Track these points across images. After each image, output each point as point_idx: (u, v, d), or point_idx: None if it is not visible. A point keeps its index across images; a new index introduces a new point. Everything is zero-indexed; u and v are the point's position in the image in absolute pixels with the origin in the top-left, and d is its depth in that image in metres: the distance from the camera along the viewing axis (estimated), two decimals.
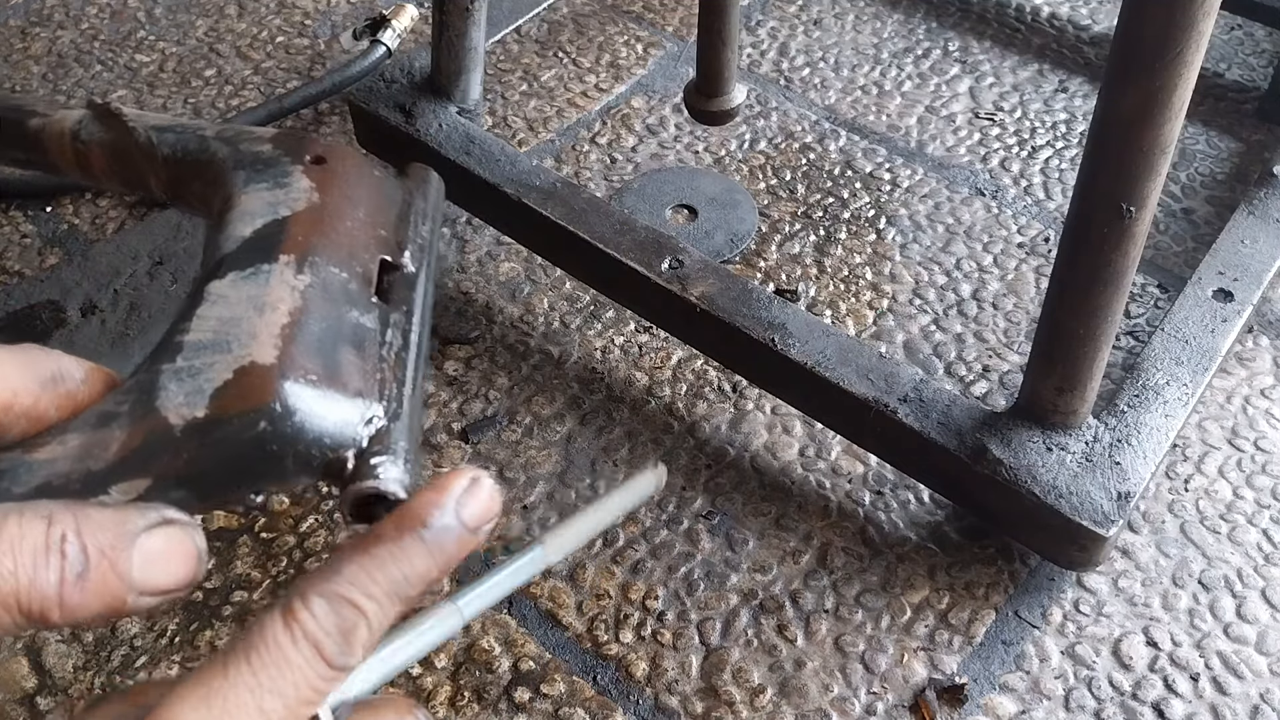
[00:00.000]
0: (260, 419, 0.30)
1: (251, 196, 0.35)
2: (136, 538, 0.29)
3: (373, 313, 0.34)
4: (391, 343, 0.34)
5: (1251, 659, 0.75)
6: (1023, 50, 1.23)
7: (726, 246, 1.02)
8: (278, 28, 1.29)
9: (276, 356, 0.31)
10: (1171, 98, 0.59)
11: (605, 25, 1.28)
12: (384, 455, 0.32)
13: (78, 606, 0.28)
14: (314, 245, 0.34)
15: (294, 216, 0.35)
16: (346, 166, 0.37)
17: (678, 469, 0.86)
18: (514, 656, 0.76)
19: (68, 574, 0.28)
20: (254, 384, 0.30)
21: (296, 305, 0.32)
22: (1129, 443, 0.75)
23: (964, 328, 0.96)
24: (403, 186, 0.38)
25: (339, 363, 0.32)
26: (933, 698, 0.73)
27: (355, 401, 0.32)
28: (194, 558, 0.31)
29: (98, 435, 0.31)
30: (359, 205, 0.36)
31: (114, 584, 0.29)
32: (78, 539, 0.28)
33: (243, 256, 0.33)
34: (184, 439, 0.30)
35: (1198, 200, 1.07)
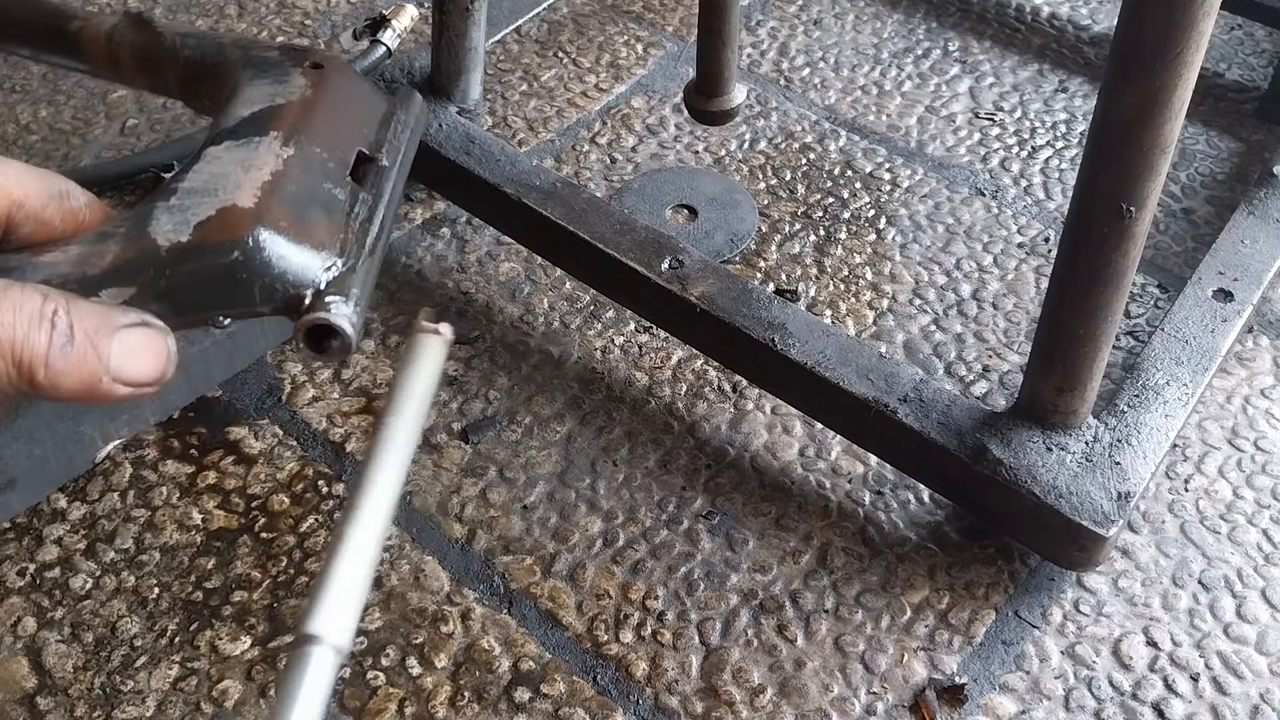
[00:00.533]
0: (235, 249, 0.35)
1: (253, 88, 0.41)
2: (118, 329, 0.34)
3: (344, 188, 0.39)
4: (358, 214, 0.39)
5: (1251, 659, 0.75)
6: (1023, 50, 1.24)
7: (726, 246, 1.02)
8: (278, 28, 1.29)
9: (255, 202, 0.36)
10: (1171, 98, 0.59)
11: (605, 25, 1.28)
12: (337, 296, 0.37)
13: (60, 373, 0.33)
14: (301, 127, 0.39)
15: (287, 104, 0.40)
16: (340, 73, 0.43)
17: (678, 469, 0.86)
18: (514, 656, 0.76)
19: (55, 340, 0.33)
20: (233, 221, 0.36)
21: (278, 169, 0.38)
22: (1129, 443, 0.75)
23: (964, 328, 0.96)
24: (388, 100, 0.44)
25: (308, 218, 0.37)
26: (933, 698, 0.73)
27: (318, 252, 0.37)
28: (164, 356, 0.35)
29: (95, 248, 0.36)
30: (346, 105, 0.42)
31: (93, 362, 0.33)
32: (66, 316, 0.33)
33: (239, 130, 0.39)
34: (168, 258, 0.35)
35: (1198, 200, 1.07)
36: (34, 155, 1.13)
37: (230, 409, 0.90)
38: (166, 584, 0.79)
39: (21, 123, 1.16)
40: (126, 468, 0.86)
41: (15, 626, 0.77)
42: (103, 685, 0.74)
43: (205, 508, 0.84)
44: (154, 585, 0.79)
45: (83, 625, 0.77)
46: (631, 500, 0.84)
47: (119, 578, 0.80)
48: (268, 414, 0.90)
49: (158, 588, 0.79)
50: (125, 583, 0.79)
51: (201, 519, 0.83)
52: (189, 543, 0.82)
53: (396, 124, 0.43)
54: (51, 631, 0.77)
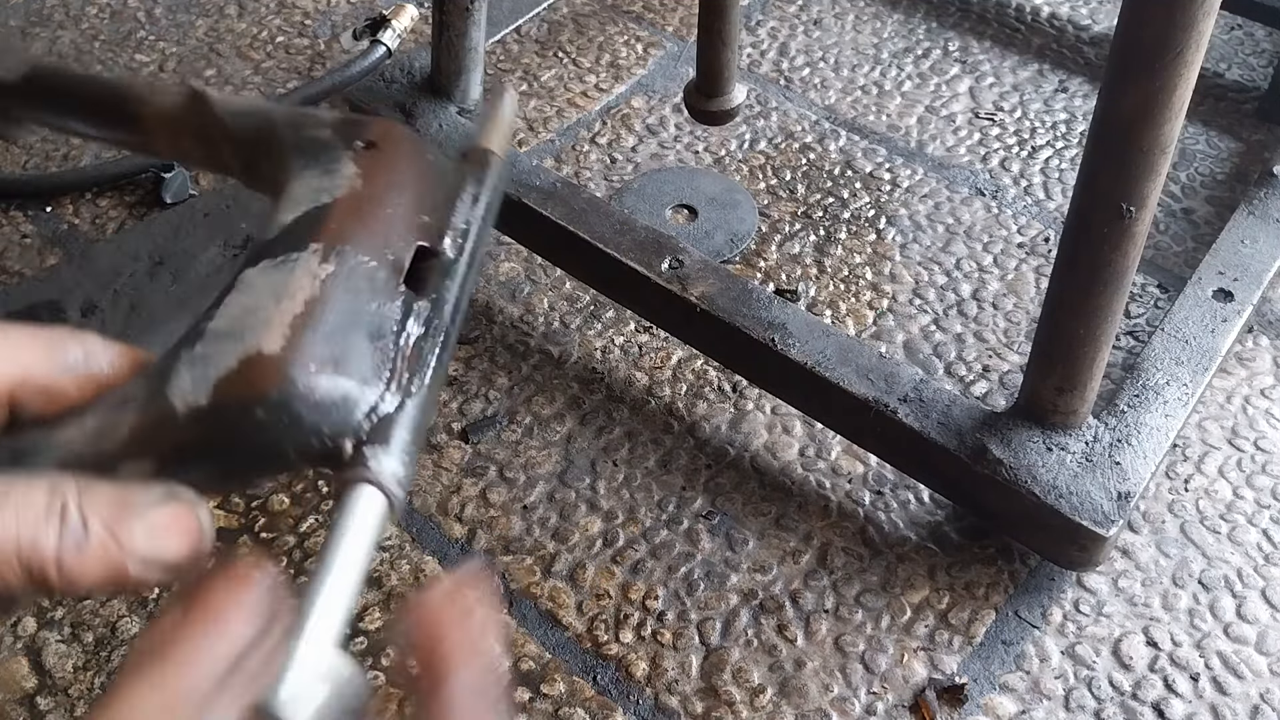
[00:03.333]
0: (258, 407, 0.31)
1: (299, 182, 0.36)
2: (140, 511, 0.31)
3: (396, 301, 0.34)
4: (411, 332, 0.34)
5: (1251, 659, 0.75)
6: (1023, 50, 1.23)
7: (726, 246, 1.02)
8: (278, 28, 1.29)
9: (283, 346, 0.32)
10: (1171, 98, 0.59)
11: (605, 25, 1.28)
12: (380, 446, 0.32)
13: (76, 571, 0.30)
14: (346, 233, 0.34)
15: (334, 203, 0.35)
16: (398, 151, 0.37)
17: (678, 469, 0.86)
18: (514, 656, 0.76)
19: (66, 539, 0.30)
20: (257, 373, 0.31)
21: (314, 295, 0.33)
22: (1129, 443, 0.75)
23: (964, 328, 0.96)
24: (458, 170, 0.38)
25: (348, 352, 0.32)
26: (933, 698, 0.73)
27: (359, 390, 0.32)
28: (196, 531, 0.32)
29: (111, 418, 0.32)
30: (403, 191, 0.36)
31: (114, 552, 0.30)
32: (78, 509, 0.30)
33: (278, 244, 0.34)
34: (186, 424, 0.31)
35: (1198, 200, 1.07)
36: (34, 155, 1.13)
37: None
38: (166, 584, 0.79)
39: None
40: None
41: (15, 626, 0.77)
42: (103, 685, 0.74)
43: None
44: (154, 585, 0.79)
45: (83, 625, 0.77)
46: (631, 500, 0.84)
47: None
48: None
49: (158, 588, 0.79)
50: None
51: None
52: None
53: (465, 200, 0.37)
54: (51, 631, 0.77)
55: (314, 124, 0.39)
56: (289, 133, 0.39)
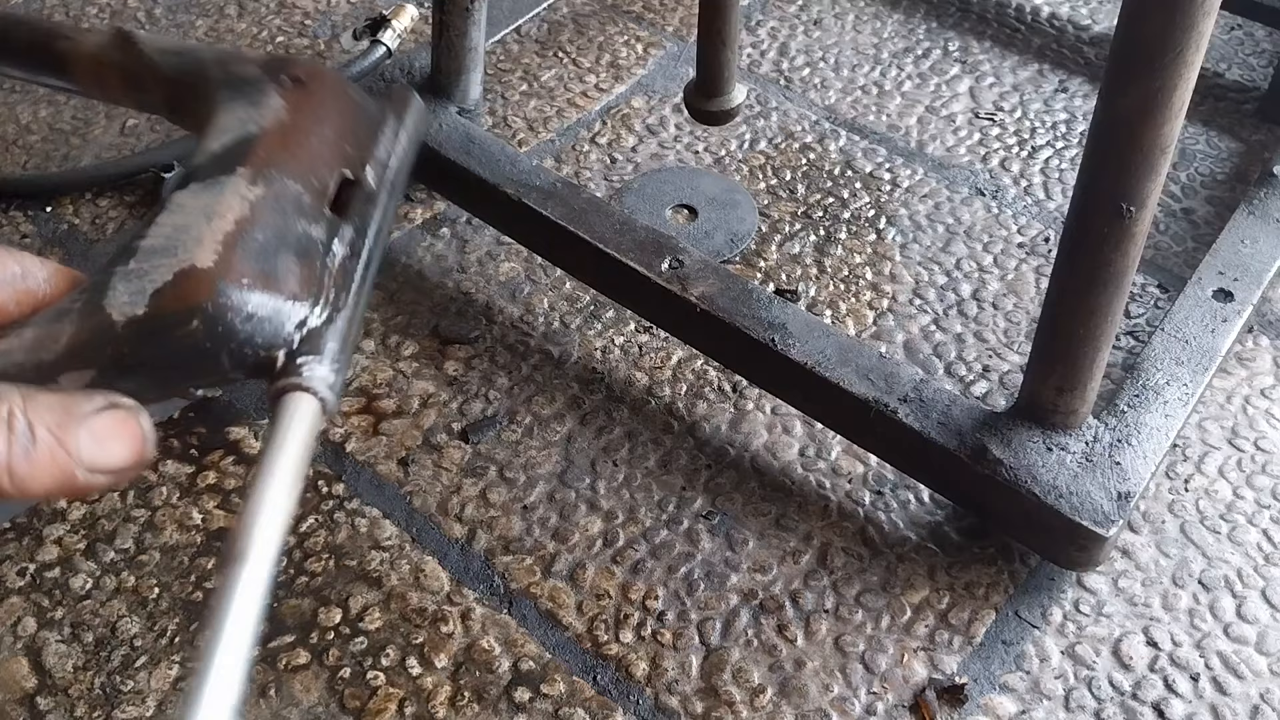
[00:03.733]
0: (193, 317, 0.32)
1: (227, 114, 0.38)
2: (84, 418, 0.32)
3: (321, 224, 0.36)
4: (336, 253, 0.36)
5: (1251, 659, 0.75)
6: (1023, 50, 1.23)
7: (726, 246, 1.02)
8: (278, 28, 1.29)
9: (215, 261, 0.33)
10: (1171, 98, 0.59)
11: (605, 25, 1.28)
12: (312, 355, 0.34)
13: (26, 477, 0.31)
14: (273, 159, 0.36)
15: (261, 132, 0.37)
16: (323, 87, 0.39)
17: (678, 469, 0.86)
18: (514, 656, 0.76)
19: (14, 446, 0.31)
20: (191, 286, 0.33)
21: (244, 214, 0.34)
22: (1129, 443, 0.75)
23: (964, 328, 0.96)
24: (380, 108, 0.40)
25: (277, 268, 0.34)
26: (933, 698, 0.73)
27: (289, 304, 0.34)
28: (139, 438, 0.33)
29: (50, 329, 0.33)
30: (327, 124, 0.38)
31: (62, 459, 0.31)
32: (24, 416, 0.31)
33: (207, 169, 0.36)
34: (124, 334, 0.33)
35: (1198, 200, 1.07)
36: (34, 155, 1.13)
37: (230, 409, 0.90)
38: (166, 584, 0.79)
39: (22, 123, 1.16)
40: None
41: (15, 626, 0.77)
42: (103, 685, 0.74)
43: (205, 508, 0.84)
44: (154, 585, 0.79)
45: (83, 625, 0.77)
46: (631, 500, 0.84)
47: (119, 578, 0.80)
48: (268, 414, 0.90)
49: (158, 588, 0.79)
50: (125, 583, 0.79)
51: (201, 519, 0.83)
52: (189, 543, 0.82)
53: (387, 136, 0.40)
54: (51, 631, 0.77)
55: (242, 61, 0.40)
56: (217, 70, 0.40)
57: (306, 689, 0.74)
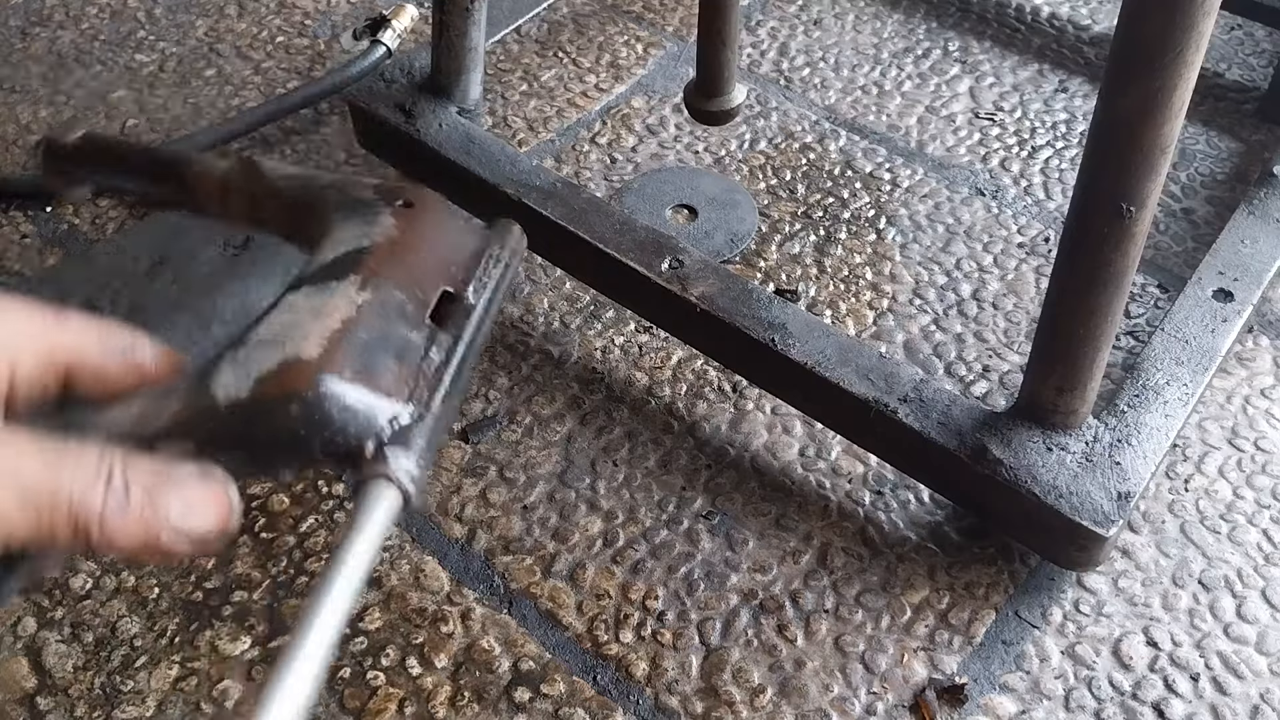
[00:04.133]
0: (291, 403, 0.34)
1: (342, 230, 0.41)
2: (178, 483, 0.34)
3: (422, 331, 0.38)
4: (433, 359, 0.38)
5: (1251, 659, 0.75)
6: (1023, 50, 1.24)
7: (726, 246, 1.02)
8: (278, 28, 1.29)
9: (320, 354, 0.35)
10: (1171, 98, 0.59)
11: (605, 25, 1.28)
12: (400, 449, 0.35)
13: (116, 531, 0.33)
14: (382, 270, 0.39)
15: (373, 246, 0.39)
16: (431, 209, 0.42)
17: (678, 469, 0.86)
18: (514, 656, 0.76)
19: (110, 499, 0.32)
20: (294, 374, 0.35)
21: (350, 315, 0.37)
22: (1129, 443, 0.75)
23: (964, 328, 0.96)
24: (483, 234, 0.43)
25: (376, 366, 0.36)
26: (933, 698, 0.73)
27: (384, 400, 0.36)
28: (226, 507, 0.35)
29: (156, 404, 0.36)
30: (434, 242, 0.41)
31: (150, 519, 0.33)
32: (122, 474, 0.33)
33: (320, 275, 0.39)
34: (226, 415, 0.35)
35: (1198, 200, 1.07)
36: (35, 155, 1.13)
37: None
38: (166, 584, 0.79)
39: (22, 122, 1.16)
40: None
41: (15, 626, 0.77)
42: (103, 685, 0.74)
43: None
44: (154, 585, 0.79)
45: (83, 625, 0.77)
46: (631, 500, 0.84)
47: (119, 578, 0.80)
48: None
49: (158, 588, 0.79)
50: (125, 583, 0.79)
51: None
52: None
53: (489, 259, 0.42)
54: (51, 631, 0.77)
55: (358, 186, 0.43)
56: (333, 193, 0.43)
57: None
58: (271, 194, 0.45)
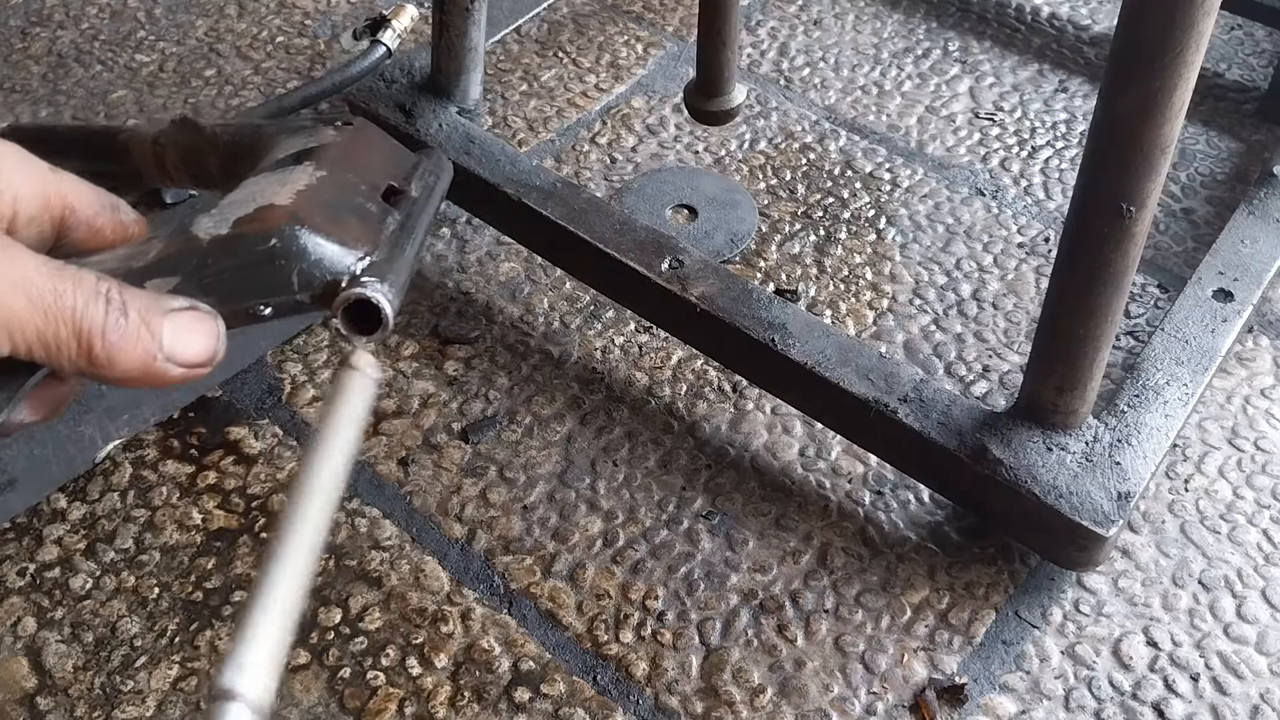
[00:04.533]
0: (272, 237, 0.37)
1: (289, 140, 0.44)
2: (169, 311, 0.35)
3: (376, 204, 0.41)
4: (389, 225, 0.41)
5: (1251, 659, 0.75)
6: (1023, 50, 1.23)
7: (726, 246, 1.02)
8: (278, 28, 1.29)
9: (291, 201, 0.38)
10: (1171, 98, 0.59)
11: (605, 25, 1.28)
12: (373, 276, 0.38)
13: (116, 347, 0.34)
14: (334, 160, 0.41)
15: (319, 145, 0.42)
16: (369, 129, 0.45)
17: (678, 469, 0.86)
18: (514, 656, 0.76)
19: (110, 314, 0.34)
20: (270, 215, 0.38)
21: (312, 183, 0.40)
22: (1129, 443, 0.75)
23: (964, 328, 0.96)
24: (414, 156, 0.46)
25: (342, 221, 0.39)
26: (933, 698, 0.73)
27: (352, 246, 0.38)
28: (215, 336, 0.36)
29: (140, 247, 0.38)
30: (375, 151, 0.44)
31: (147, 339, 0.35)
32: (120, 294, 0.35)
33: (276, 165, 0.41)
34: (209, 249, 0.37)
35: (1198, 200, 1.07)
36: None
37: (230, 409, 0.90)
38: (166, 584, 0.79)
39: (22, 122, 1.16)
40: (126, 468, 0.86)
41: (15, 626, 0.77)
42: (103, 685, 0.74)
43: (205, 508, 0.84)
44: (154, 585, 0.79)
45: (83, 625, 0.77)
46: (631, 500, 0.84)
47: (119, 578, 0.80)
48: (268, 414, 0.90)
49: (158, 588, 0.79)
50: (125, 583, 0.79)
51: (201, 519, 0.83)
52: (189, 543, 0.82)
53: (424, 170, 0.45)
54: (51, 631, 0.77)
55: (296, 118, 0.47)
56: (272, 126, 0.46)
57: (306, 689, 0.74)
58: (210, 144, 0.47)
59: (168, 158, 0.48)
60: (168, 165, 0.49)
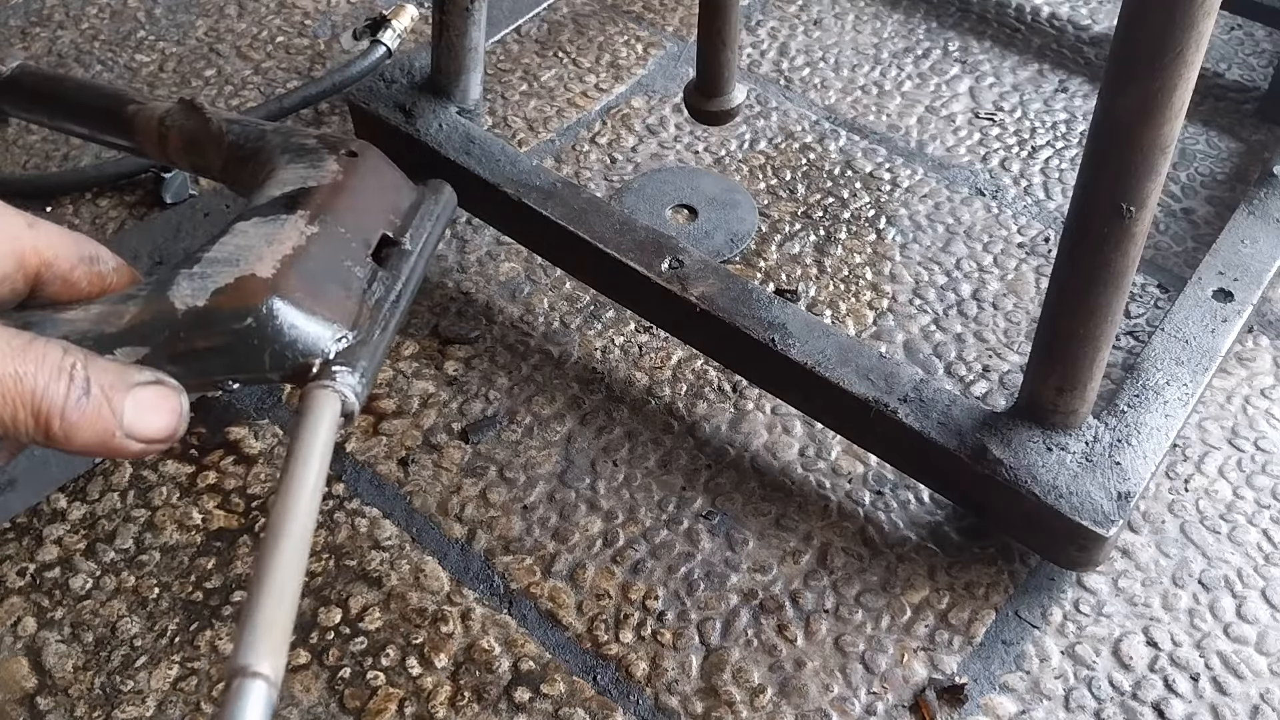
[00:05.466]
0: (248, 316, 0.37)
1: (288, 171, 0.43)
2: (132, 387, 0.35)
3: (365, 267, 0.41)
4: (375, 293, 0.40)
5: (1251, 659, 0.75)
6: (1023, 50, 1.23)
7: (726, 246, 1.02)
8: (278, 28, 1.29)
9: (273, 273, 0.37)
10: (1171, 98, 0.59)
11: (605, 25, 1.28)
12: (344, 367, 0.38)
13: (75, 425, 0.34)
14: (328, 208, 0.41)
15: (318, 186, 0.42)
16: (372, 161, 0.44)
17: (678, 469, 0.86)
18: (514, 656, 0.76)
19: (72, 394, 0.34)
20: (249, 289, 0.37)
21: (300, 244, 0.39)
22: (1129, 443, 0.75)
23: (964, 328, 0.96)
24: (419, 189, 0.46)
25: (324, 291, 0.38)
26: (933, 698, 0.73)
27: (330, 324, 0.38)
28: (177, 414, 0.36)
29: (115, 308, 0.37)
30: (375, 190, 0.43)
31: (107, 417, 0.35)
32: (84, 370, 0.34)
33: (268, 208, 0.41)
34: (183, 321, 0.37)
35: (1198, 200, 1.07)
36: (34, 155, 1.13)
37: (230, 409, 0.90)
38: (166, 584, 0.79)
39: (21, 122, 1.16)
40: (126, 468, 0.86)
41: (15, 626, 0.77)
42: (103, 685, 0.74)
43: (205, 508, 0.84)
44: (154, 585, 0.79)
45: (83, 625, 0.77)
46: (631, 500, 0.84)
47: (119, 578, 0.80)
48: (268, 414, 0.90)
49: (158, 588, 0.79)
50: (125, 583, 0.79)
51: (202, 519, 0.83)
52: (189, 543, 0.82)
53: (424, 212, 0.44)
54: (51, 631, 0.77)
55: (301, 133, 0.45)
56: (277, 138, 0.45)
57: (306, 689, 0.74)
58: (214, 137, 0.47)
59: (171, 141, 0.48)
60: (170, 149, 0.48)
